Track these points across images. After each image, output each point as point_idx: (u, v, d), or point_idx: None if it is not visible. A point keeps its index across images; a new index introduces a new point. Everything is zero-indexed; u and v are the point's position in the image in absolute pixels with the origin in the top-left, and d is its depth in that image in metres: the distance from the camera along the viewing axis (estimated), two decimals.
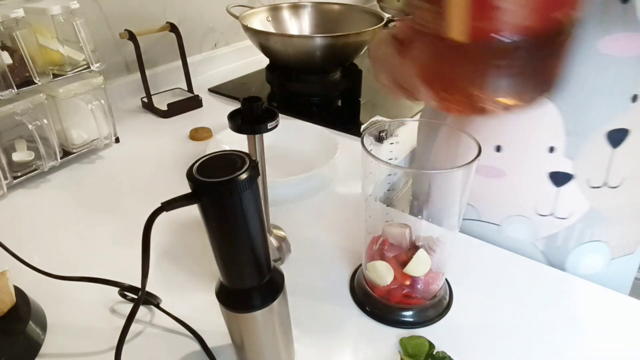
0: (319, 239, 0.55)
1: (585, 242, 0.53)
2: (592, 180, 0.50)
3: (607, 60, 0.45)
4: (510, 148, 0.52)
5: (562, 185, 0.51)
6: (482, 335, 0.43)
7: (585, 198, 0.51)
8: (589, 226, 0.52)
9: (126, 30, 0.80)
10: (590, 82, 0.46)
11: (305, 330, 0.43)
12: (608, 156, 0.49)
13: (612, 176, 0.49)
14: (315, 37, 0.98)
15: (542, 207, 0.53)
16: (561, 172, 0.51)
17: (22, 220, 0.58)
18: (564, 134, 0.49)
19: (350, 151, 0.71)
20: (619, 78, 0.45)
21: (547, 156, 0.50)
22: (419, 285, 0.43)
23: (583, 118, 0.48)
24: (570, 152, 0.49)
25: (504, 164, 0.53)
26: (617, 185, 0.50)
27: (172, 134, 0.81)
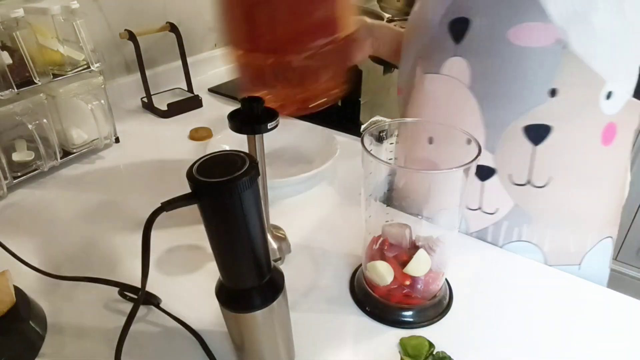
0: (319, 239, 0.55)
1: (514, 240, 0.53)
2: (515, 177, 0.50)
3: (519, 51, 0.45)
4: (439, 140, 0.51)
5: (486, 180, 0.51)
6: (482, 335, 0.43)
7: (508, 195, 0.51)
8: (516, 225, 0.52)
9: (126, 30, 0.80)
10: (504, 73, 0.46)
11: (305, 330, 0.43)
12: (529, 153, 0.48)
13: (536, 175, 0.49)
14: None
15: (470, 201, 0.53)
16: (484, 166, 0.51)
17: (22, 221, 0.58)
18: (483, 125, 0.49)
19: (350, 151, 0.71)
20: (533, 70, 0.45)
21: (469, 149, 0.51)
22: (419, 285, 0.43)
23: (500, 110, 0.48)
24: (490, 145, 0.49)
25: (436, 156, 0.53)
26: (543, 185, 0.49)
27: (172, 134, 0.81)
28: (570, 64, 0.44)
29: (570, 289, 0.48)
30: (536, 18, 0.43)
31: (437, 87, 0.53)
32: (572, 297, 0.47)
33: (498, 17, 0.45)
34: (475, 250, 0.53)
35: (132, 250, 0.53)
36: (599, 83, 0.44)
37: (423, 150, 0.53)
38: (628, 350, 0.42)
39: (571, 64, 0.44)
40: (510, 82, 0.46)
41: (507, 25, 0.44)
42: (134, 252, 0.53)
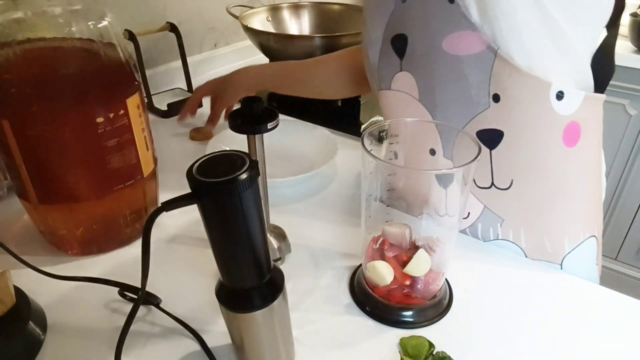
0: (319, 239, 0.55)
1: (492, 239, 0.54)
2: (478, 181, 0.51)
3: (455, 60, 0.45)
4: (402, 153, 0.52)
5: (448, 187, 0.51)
6: (482, 335, 0.43)
7: (476, 198, 0.52)
8: (490, 225, 0.53)
9: (126, 30, 0.80)
10: (446, 82, 0.47)
11: (305, 330, 0.43)
12: (487, 157, 0.49)
13: (497, 178, 0.50)
14: (315, 37, 0.98)
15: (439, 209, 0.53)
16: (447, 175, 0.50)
17: (22, 221, 0.58)
18: (438, 135, 0.49)
19: (350, 151, 0.71)
20: (472, 77, 0.45)
21: (431, 159, 0.51)
22: (419, 285, 0.43)
23: (449, 119, 0.49)
24: (448, 154, 0.50)
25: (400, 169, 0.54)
26: (507, 187, 0.50)
27: (172, 134, 0.81)
28: (506, 69, 0.44)
29: (571, 289, 0.48)
30: (464, 27, 0.43)
31: (391, 102, 0.55)
32: (573, 297, 0.47)
33: (430, 29, 0.46)
34: (475, 250, 0.53)
35: (132, 250, 0.53)
36: (543, 84, 0.44)
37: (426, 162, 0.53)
38: (628, 351, 0.42)
39: (507, 68, 0.44)
40: (453, 90, 0.47)
41: (440, 36, 0.45)
42: (134, 251, 0.53)
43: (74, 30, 0.43)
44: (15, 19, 0.42)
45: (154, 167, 0.54)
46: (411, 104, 0.52)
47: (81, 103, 0.43)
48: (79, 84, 0.42)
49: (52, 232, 0.50)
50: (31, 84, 0.41)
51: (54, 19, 0.43)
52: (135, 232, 0.53)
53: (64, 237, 0.50)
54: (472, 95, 0.46)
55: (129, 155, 0.48)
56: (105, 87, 0.44)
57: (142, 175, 0.51)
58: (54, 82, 0.41)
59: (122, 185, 0.48)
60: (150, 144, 0.52)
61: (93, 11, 0.45)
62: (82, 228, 0.49)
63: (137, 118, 0.48)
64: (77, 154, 0.44)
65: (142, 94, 0.50)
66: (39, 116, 0.41)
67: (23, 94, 0.41)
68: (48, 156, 0.43)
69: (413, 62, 0.50)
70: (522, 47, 0.43)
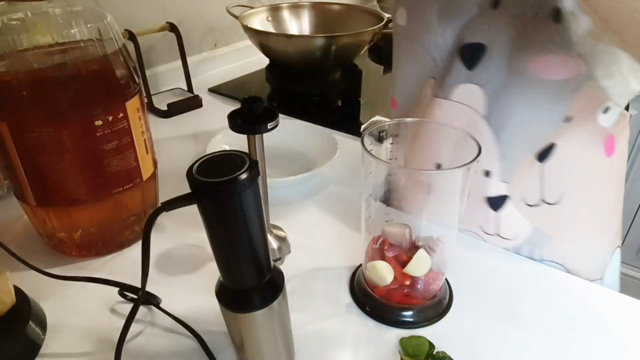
0: (318, 239, 0.55)
1: (537, 260, 0.52)
2: (528, 199, 0.49)
3: (539, 83, 0.42)
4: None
5: (499, 209, 0.50)
6: (482, 335, 0.43)
7: (525, 219, 0.50)
8: (537, 246, 0.51)
9: (126, 30, 0.80)
10: (522, 104, 0.44)
11: (305, 330, 0.43)
12: (537, 172, 0.47)
13: (547, 192, 0.48)
14: (315, 37, 0.98)
15: (486, 227, 0.52)
16: (497, 196, 0.49)
17: (22, 220, 0.58)
18: (498, 158, 0.48)
19: (350, 151, 0.71)
20: (552, 101, 0.43)
21: (483, 180, 0.49)
22: (419, 285, 0.43)
23: (516, 142, 0.47)
24: (505, 176, 0.48)
25: None
26: (556, 202, 0.48)
27: (172, 134, 0.81)
28: (589, 91, 0.42)
29: (571, 289, 0.48)
30: (561, 50, 0.40)
31: (448, 113, 0.50)
32: (573, 297, 0.47)
33: (521, 46, 0.42)
34: (475, 250, 0.53)
35: (132, 250, 0.53)
36: (602, 100, 0.44)
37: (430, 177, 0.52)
38: (628, 350, 0.42)
39: (590, 90, 0.42)
40: (527, 112, 0.44)
41: (531, 55, 0.41)
42: (134, 252, 0.53)
43: (74, 31, 0.43)
44: (15, 20, 0.42)
45: (154, 169, 0.54)
46: (472, 119, 0.48)
47: (80, 106, 0.43)
48: (78, 86, 0.42)
49: (50, 234, 0.50)
50: (30, 86, 0.41)
51: (54, 19, 0.43)
52: (134, 234, 0.53)
53: (63, 240, 0.50)
54: (546, 118, 0.44)
55: (128, 159, 0.48)
56: (104, 89, 0.44)
57: (142, 179, 0.51)
58: (53, 85, 0.41)
59: (121, 189, 0.48)
60: (150, 147, 0.52)
61: (93, 12, 0.45)
62: (81, 231, 0.49)
63: (136, 121, 0.48)
64: (75, 157, 0.44)
65: (142, 96, 0.50)
66: (37, 119, 0.41)
67: (21, 96, 0.41)
68: (46, 159, 0.43)
69: (488, 77, 0.45)
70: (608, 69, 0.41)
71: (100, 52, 0.44)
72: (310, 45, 0.91)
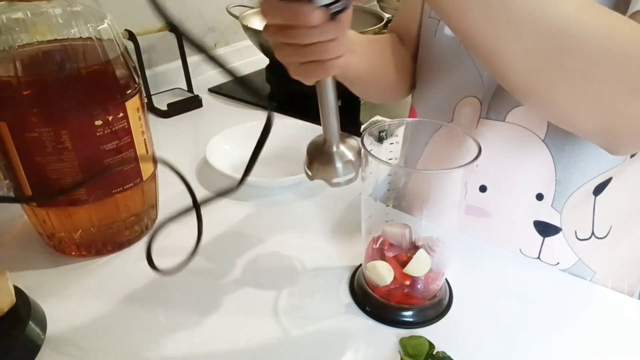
0: (319, 239, 0.55)
1: None
2: (579, 232, 0.48)
3: None
4: (496, 189, 0.49)
5: (547, 237, 0.49)
6: (482, 336, 0.43)
7: (572, 251, 0.49)
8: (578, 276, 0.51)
9: (126, 30, 0.80)
10: None
11: (305, 330, 0.43)
12: (591, 205, 0.46)
13: (597, 226, 0.47)
14: None
15: (527, 250, 0.51)
16: (547, 223, 0.48)
17: (22, 220, 0.58)
18: (555, 182, 0.47)
19: None
20: None
21: (534, 203, 0.48)
22: (419, 285, 0.43)
23: (575, 170, 0.46)
24: (557, 203, 0.47)
25: (488, 205, 0.51)
26: (605, 236, 0.48)
27: (172, 134, 0.81)
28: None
29: (572, 290, 0.48)
30: None
31: (500, 134, 0.48)
32: (573, 297, 0.47)
33: None
34: (475, 250, 0.53)
35: (132, 252, 0.53)
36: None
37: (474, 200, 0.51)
38: (626, 349, 0.42)
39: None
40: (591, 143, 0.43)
41: None
42: (134, 254, 0.53)
43: (74, 31, 0.43)
44: (15, 20, 0.42)
45: (154, 169, 0.53)
46: (530, 141, 0.46)
47: (80, 106, 0.43)
48: (78, 86, 0.42)
49: (50, 234, 0.50)
50: (30, 86, 0.41)
51: (54, 19, 0.43)
52: (134, 234, 0.53)
53: (63, 240, 0.50)
54: None
55: (128, 159, 0.48)
56: (104, 89, 0.44)
57: (142, 179, 0.51)
58: (53, 85, 0.41)
59: (121, 189, 0.48)
60: (150, 147, 0.52)
61: (93, 12, 0.45)
62: (81, 231, 0.49)
63: (136, 121, 0.48)
64: (75, 157, 0.44)
65: (142, 96, 0.50)
66: (37, 119, 0.41)
67: (21, 96, 0.41)
68: (46, 159, 0.43)
69: None
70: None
71: (100, 52, 0.44)
72: None
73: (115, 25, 0.46)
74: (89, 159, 0.45)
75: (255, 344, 0.42)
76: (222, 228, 0.56)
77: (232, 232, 0.56)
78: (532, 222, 0.49)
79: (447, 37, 0.50)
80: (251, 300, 0.46)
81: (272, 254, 0.53)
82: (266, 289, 0.48)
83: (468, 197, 0.50)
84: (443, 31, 0.51)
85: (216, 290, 0.47)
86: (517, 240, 0.52)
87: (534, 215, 0.49)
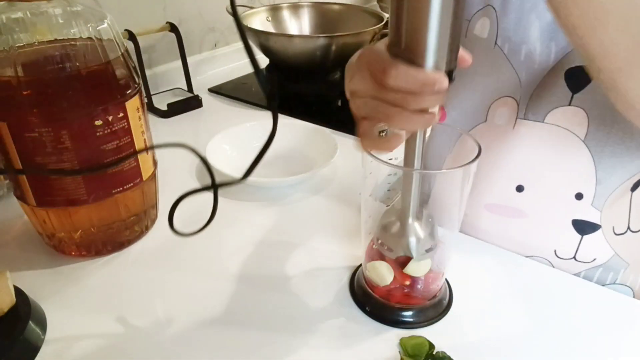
0: (319, 239, 0.55)
1: (608, 284, 0.52)
2: (617, 227, 0.48)
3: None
4: (534, 189, 0.49)
5: (585, 235, 0.49)
6: (482, 335, 0.43)
7: (609, 246, 0.49)
8: (611, 270, 0.51)
9: (126, 30, 0.80)
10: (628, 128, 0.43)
11: (305, 330, 0.43)
12: (628, 201, 0.47)
13: (633, 220, 0.48)
14: (315, 37, 0.98)
15: (563, 251, 0.51)
16: (586, 222, 0.49)
17: (22, 220, 0.58)
18: (595, 182, 0.47)
19: (350, 151, 0.71)
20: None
21: (574, 203, 0.48)
22: (419, 285, 0.43)
23: (615, 170, 0.46)
24: (598, 202, 0.47)
25: (525, 205, 0.51)
26: (639, 229, 0.48)
27: (172, 134, 0.81)
28: None
29: (572, 290, 0.48)
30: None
31: (539, 136, 0.48)
32: (573, 298, 0.47)
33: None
34: (475, 250, 0.53)
35: (132, 252, 0.53)
36: None
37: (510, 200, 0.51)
38: (625, 348, 0.42)
39: None
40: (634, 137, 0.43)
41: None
42: (133, 254, 0.53)
43: (74, 31, 0.43)
44: (15, 20, 0.42)
45: (154, 169, 0.53)
46: (570, 142, 0.46)
47: (80, 106, 0.43)
48: (78, 86, 0.42)
49: (50, 234, 0.50)
50: (30, 86, 0.41)
51: (54, 19, 0.43)
52: (134, 234, 0.53)
53: (63, 240, 0.50)
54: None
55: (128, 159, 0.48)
56: (104, 89, 0.44)
57: (142, 179, 0.51)
58: (53, 85, 0.41)
59: (121, 189, 0.48)
60: None
61: (93, 12, 0.45)
62: (81, 231, 0.49)
63: (136, 121, 0.48)
64: (75, 157, 0.44)
65: (142, 96, 0.50)
66: (37, 119, 0.41)
67: (21, 96, 0.41)
68: (46, 159, 0.43)
69: (594, 99, 0.43)
70: None
71: (100, 52, 0.44)
72: (310, 45, 0.91)
73: (115, 25, 0.46)
74: (89, 159, 0.45)
75: (253, 343, 0.42)
76: (220, 228, 0.56)
77: (230, 232, 0.56)
78: (570, 221, 0.49)
79: (477, 37, 0.50)
80: (250, 300, 0.46)
81: (271, 254, 0.53)
82: (266, 288, 0.48)
83: (503, 198, 0.51)
84: (473, 32, 0.51)
85: (214, 289, 0.47)
86: (553, 241, 0.51)
87: (572, 214, 0.49)
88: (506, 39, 0.47)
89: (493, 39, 0.48)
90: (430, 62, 0.30)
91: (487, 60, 0.49)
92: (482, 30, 0.49)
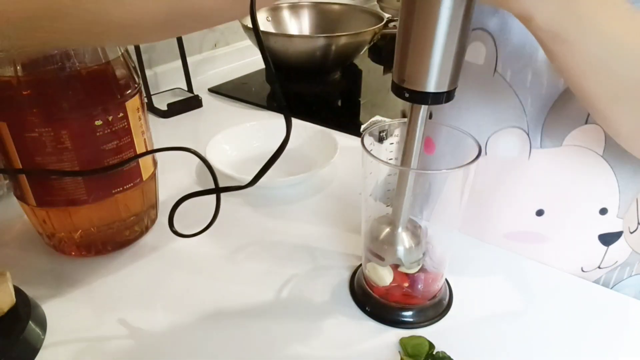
0: (318, 239, 0.55)
1: (625, 278, 0.52)
2: (631, 226, 0.49)
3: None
4: (555, 212, 0.48)
5: (611, 244, 0.49)
6: (482, 336, 0.43)
7: (627, 245, 0.50)
8: (628, 265, 0.51)
9: None
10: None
11: (305, 330, 0.43)
12: (636, 196, 0.47)
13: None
14: (315, 37, 0.98)
15: (588, 264, 0.51)
16: (612, 233, 0.49)
17: (22, 220, 0.58)
18: (617, 193, 0.46)
19: (350, 151, 0.71)
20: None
21: (598, 218, 0.48)
22: (419, 285, 0.43)
23: (637, 172, 0.45)
24: (622, 211, 0.47)
25: (547, 229, 0.50)
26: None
27: (172, 134, 0.81)
28: None
29: (572, 290, 0.48)
30: None
31: (557, 159, 0.46)
32: (573, 298, 0.47)
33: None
34: (475, 250, 0.53)
35: (132, 252, 0.53)
36: None
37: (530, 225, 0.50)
38: (625, 348, 0.42)
39: None
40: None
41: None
42: (133, 254, 0.53)
43: None
44: None
45: (154, 169, 0.53)
46: (589, 159, 0.45)
47: (80, 106, 0.43)
48: (78, 86, 0.42)
49: (50, 234, 0.50)
50: (30, 86, 0.41)
51: None
52: (134, 234, 0.53)
53: (63, 240, 0.50)
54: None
55: (128, 159, 0.48)
56: (104, 89, 0.44)
57: (142, 179, 0.50)
58: (53, 85, 0.41)
59: (121, 189, 0.48)
60: (150, 147, 0.52)
61: None
62: (81, 231, 0.49)
63: (136, 121, 0.48)
64: (75, 157, 0.44)
65: (142, 97, 0.50)
66: (37, 119, 0.41)
67: (21, 96, 0.41)
68: (46, 159, 0.43)
69: None
70: None
71: (100, 52, 0.44)
72: (310, 45, 0.92)
73: None
74: (89, 159, 0.45)
75: (253, 343, 0.42)
76: (220, 228, 0.56)
77: (230, 232, 0.56)
78: (596, 237, 0.49)
79: (471, 64, 0.47)
80: (250, 300, 0.46)
81: (271, 254, 0.53)
82: (265, 288, 0.48)
83: (522, 223, 0.50)
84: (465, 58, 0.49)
85: (214, 289, 0.48)
86: (580, 259, 0.51)
87: (598, 230, 0.49)
88: (509, 64, 0.44)
89: (492, 66, 0.45)
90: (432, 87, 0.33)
91: (485, 88, 0.47)
92: (477, 56, 0.46)
